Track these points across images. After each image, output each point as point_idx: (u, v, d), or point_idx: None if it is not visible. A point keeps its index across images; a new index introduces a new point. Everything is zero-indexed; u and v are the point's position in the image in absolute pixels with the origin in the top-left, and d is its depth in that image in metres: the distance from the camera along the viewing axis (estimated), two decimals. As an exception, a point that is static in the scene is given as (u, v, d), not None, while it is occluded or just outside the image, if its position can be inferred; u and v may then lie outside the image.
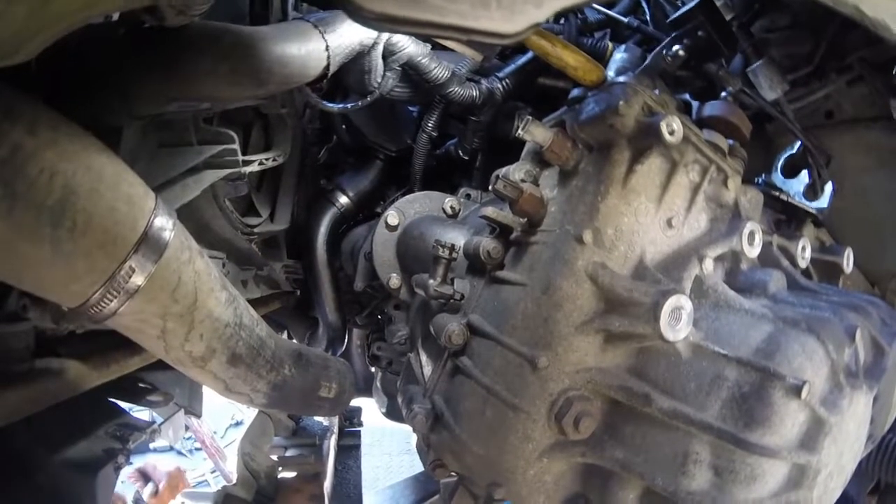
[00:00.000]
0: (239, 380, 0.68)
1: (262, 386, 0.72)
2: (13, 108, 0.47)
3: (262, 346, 0.70)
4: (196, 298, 0.59)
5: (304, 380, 0.79)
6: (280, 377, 0.73)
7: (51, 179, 0.47)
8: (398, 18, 0.39)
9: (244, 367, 0.68)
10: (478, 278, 0.84)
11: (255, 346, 0.69)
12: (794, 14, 0.84)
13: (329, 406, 0.85)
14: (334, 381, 0.84)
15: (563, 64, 0.71)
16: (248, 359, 0.68)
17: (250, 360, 0.68)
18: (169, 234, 0.56)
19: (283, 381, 0.74)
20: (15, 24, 0.35)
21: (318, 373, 0.81)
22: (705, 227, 0.73)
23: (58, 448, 1.18)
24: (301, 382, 0.78)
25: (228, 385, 0.68)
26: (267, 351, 0.71)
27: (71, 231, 0.49)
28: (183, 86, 0.72)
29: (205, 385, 0.70)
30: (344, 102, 1.12)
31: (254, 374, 0.70)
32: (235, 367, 0.67)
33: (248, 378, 0.69)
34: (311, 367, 0.80)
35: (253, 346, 0.68)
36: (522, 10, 0.42)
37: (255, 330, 0.69)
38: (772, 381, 0.57)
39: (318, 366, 0.82)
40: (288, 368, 0.75)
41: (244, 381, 0.69)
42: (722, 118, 0.76)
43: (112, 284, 0.52)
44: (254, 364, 0.69)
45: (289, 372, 0.75)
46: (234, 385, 0.69)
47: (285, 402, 0.78)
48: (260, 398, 0.73)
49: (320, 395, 0.82)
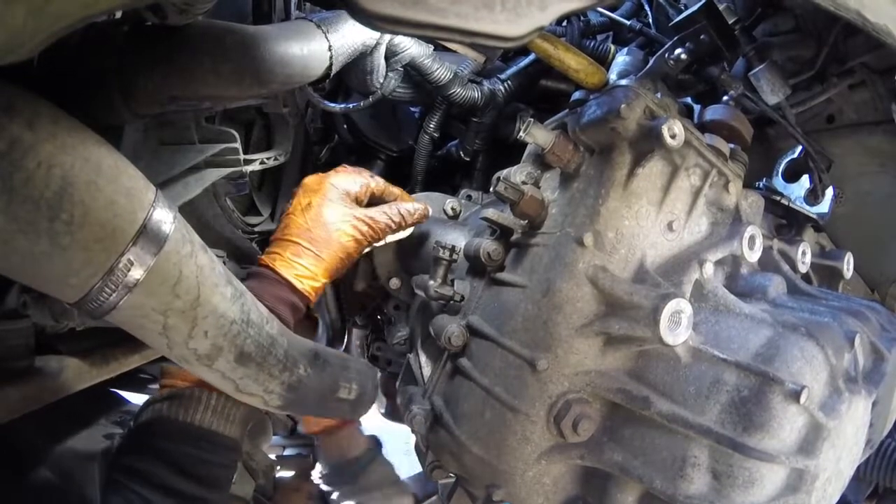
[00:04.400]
0: (249, 380, 0.65)
1: (276, 386, 0.68)
2: (13, 104, 0.46)
3: (274, 344, 0.67)
4: (199, 294, 0.57)
5: (321, 380, 0.74)
6: (294, 377, 0.69)
7: (48, 172, 0.47)
8: (402, 20, 0.39)
9: (254, 366, 0.65)
10: (478, 280, 0.84)
11: (266, 345, 0.65)
12: (797, 18, 0.84)
13: (349, 408, 0.80)
14: (354, 382, 0.79)
15: (565, 66, 0.71)
16: (257, 357, 0.65)
17: (260, 358, 0.65)
18: (169, 227, 0.55)
19: (297, 382, 0.70)
20: (15, 23, 0.35)
21: (336, 373, 0.77)
22: (706, 230, 0.73)
23: (59, 437, 1.18)
24: (318, 383, 0.74)
25: (239, 386, 0.65)
26: (279, 350, 0.67)
27: (68, 224, 0.48)
28: (185, 85, 0.71)
29: (214, 386, 0.66)
30: (346, 103, 1.13)
31: (265, 374, 0.66)
32: (245, 366, 0.64)
33: (260, 378, 0.66)
34: (329, 366, 0.76)
35: (263, 344, 0.65)
36: (527, 13, 0.42)
37: (264, 327, 0.66)
38: (771, 385, 0.57)
39: (336, 366, 0.77)
40: (303, 368, 0.71)
41: (255, 381, 0.66)
42: (724, 122, 0.76)
43: (110, 278, 0.51)
44: (264, 363, 0.65)
45: (304, 372, 0.71)
46: (245, 386, 0.65)
47: (302, 404, 0.73)
48: (274, 400, 0.69)
49: (339, 396, 0.77)
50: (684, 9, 0.92)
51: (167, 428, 0.72)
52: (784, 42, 0.85)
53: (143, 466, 0.70)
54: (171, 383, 0.75)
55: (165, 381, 0.76)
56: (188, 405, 0.73)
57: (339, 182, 0.87)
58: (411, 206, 0.92)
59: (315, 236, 0.82)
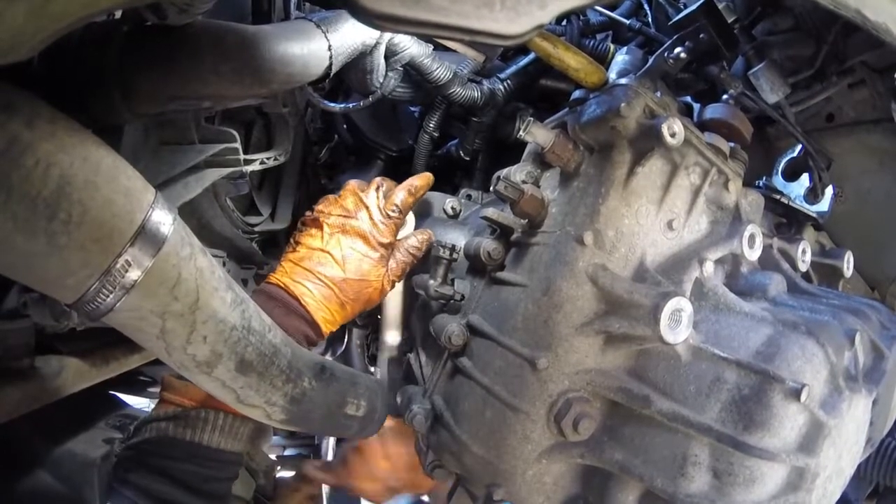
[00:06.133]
0: (251, 390, 0.63)
1: (279, 398, 0.65)
2: (12, 103, 0.46)
3: (276, 354, 0.64)
4: (198, 297, 0.56)
5: (327, 394, 0.71)
6: (299, 389, 0.67)
7: (47, 171, 0.46)
8: (402, 18, 0.39)
9: (255, 375, 0.62)
10: (478, 279, 0.84)
11: (268, 354, 0.63)
12: (797, 17, 0.84)
13: (358, 425, 0.77)
14: (363, 399, 0.75)
15: (565, 66, 0.71)
16: (259, 366, 0.62)
17: (262, 368, 0.62)
18: (168, 228, 0.54)
19: (302, 395, 0.67)
20: (15, 23, 0.35)
21: (343, 388, 0.74)
22: (706, 229, 0.73)
23: (58, 440, 1.18)
24: (324, 397, 0.71)
25: (240, 396, 0.63)
26: (282, 360, 0.65)
27: (66, 223, 0.47)
28: (185, 84, 0.71)
29: (215, 397, 0.64)
30: (346, 102, 1.13)
31: (267, 384, 0.64)
32: (245, 375, 0.61)
33: (262, 388, 0.63)
34: (336, 381, 0.73)
35: (265, 352, 0.63)
36: (526, 11, 0.42)
37: (266, 336, 0.63)
38: (771, 383, 0.57)
39: (344, 380, 0.74)
40: (308, 381, 0.68)
41: (257, 391, 0.63)
42: (723, 121, 0.76)
43: (108, 279, 0.50)
44: (266, 373, 0.63)
45: (309, 385, 0.68)
46: (246, 396, 0.63)
47: (307, 419, 0.70)
48: (277, 413, 0.66)
49: (347, 412, 0.74)
50: (683, 7, 0.92)
51: (173, 448, 0.71)
52: (783, 41, 0.85)
53: (146, 483, 0.69)
54: (176, 400, 0.74)
55: (169, 396, 0.75)
56: (195, 426, 0.72)
57: (379, 235, 0.86)
58: (417, 241, 0.92)
59: (347, 287, 0.83)
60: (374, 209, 0.87)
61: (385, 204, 0.88)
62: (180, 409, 0.73)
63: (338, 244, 0.84)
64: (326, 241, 0.84)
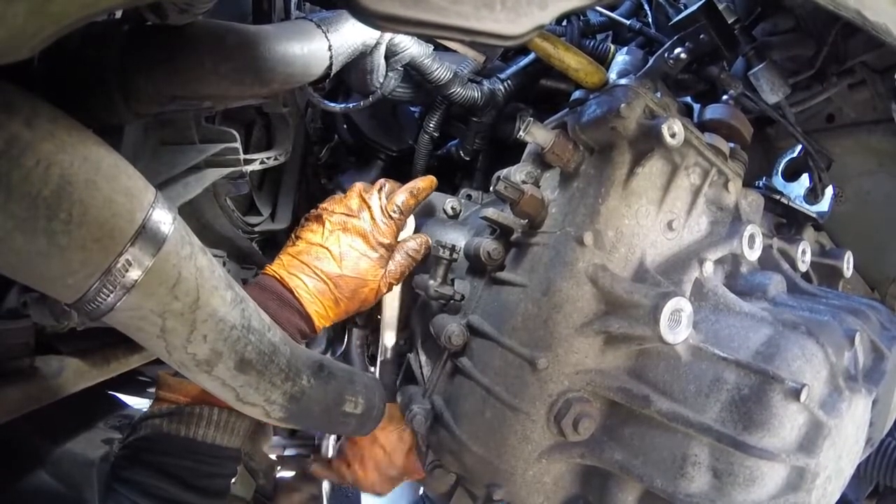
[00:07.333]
0: (251, 389, 0.63)
1: (278, 397, 0.66)
2: (12, 102, 0.46)
3: (276, 352, 0.65)
4: (198, 296, 0.56)
5: (325, 392, 0.72)
6: (297, 388, 0.67)
7: (47, 170, 0.46)
8: (403, 18, 0.39)
9: (255, 374, 0.63)
10: (478, 279, 0.84)
11: (267, 352, 0.63)
12: (797, 18, 0.84)
13: (356, 423, 0.77)
14: (361, 396, 0.76)
15: (565, 66, 0.71)
16: (259, 365, 0.63)
17: (262, 366, 0.63)
18: (168, 227, 0.54)
19: (300, 393, 0.68)
20: (15, 23, 0.35)
21: (341, 386, 0.74)
22: (706, 229, 0.73)
23: (58, 440, 1.17)
24: (322, 395, 0.71)
25: (239, 394, 0.63)
26: (281, 358, 0.65)
27: (66, 223, 0.47)
28: (185, 84, 0.71)
29: (215, 395, 0.64)
30: (346, 102, 1.12)
31: (267, 383, 0.64)
32: (245, 373, 0.62)
33: (261, 387, 0.64)
34: (334, 379, 0.73)
35: (264, 351, 0.63)
36: (527, 11, 0.42)
37: (266, 335, 0.64)
38: (771, 383, 0.57)
39: (342, 378, 0.75)
40: (306, 379, 0.69)
41: (256, 390, 0.64)
42: (723, 121, 0.76)
43: (108, 278, 0.50)
44: (266, 371, 0.63)
45: (307, 383, 0.69)
46: (246, 395, 0.64)
47: (306, 417, 0.71)
48: (276, 411, 0.67)
49: (345, 410, 0.75)
50: (684, 8, 0.92)
51: (168, 444, 0.71)
52: (784, 41, 0.85)
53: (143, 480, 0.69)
54: (170, 398, 0.74)
55: (163, 394, 0.75)
56: (189, 421, 0.72)
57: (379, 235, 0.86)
58: (416, 244, 0.92)
59: (343, 284, 0.82)
60: (375, 209, 0.87)
61: (387, 204, 0.88)
62: (175, 405, 0.73)
63: (337, 241, 0.84)
64: (326, 237, 0.84)
